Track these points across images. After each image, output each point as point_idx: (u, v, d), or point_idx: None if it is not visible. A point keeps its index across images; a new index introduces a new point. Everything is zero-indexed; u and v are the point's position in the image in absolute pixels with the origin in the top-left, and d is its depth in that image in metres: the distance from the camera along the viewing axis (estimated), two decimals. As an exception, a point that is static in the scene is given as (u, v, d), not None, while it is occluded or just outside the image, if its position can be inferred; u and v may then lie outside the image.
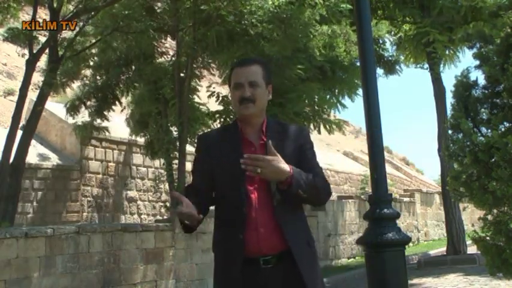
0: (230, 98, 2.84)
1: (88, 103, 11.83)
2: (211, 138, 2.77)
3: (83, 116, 11.98)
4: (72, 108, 11.93)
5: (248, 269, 2.52)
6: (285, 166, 2.47)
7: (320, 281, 2.65)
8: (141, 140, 13.93)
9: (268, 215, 2.55)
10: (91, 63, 11.59)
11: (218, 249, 2.66)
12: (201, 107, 11.62)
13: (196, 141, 2.88)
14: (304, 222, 2.69)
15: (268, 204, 2.56)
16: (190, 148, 12.33)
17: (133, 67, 11.59)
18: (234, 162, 2.50)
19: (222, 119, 11.46)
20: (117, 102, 12.09)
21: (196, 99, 11.61)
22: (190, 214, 2.45)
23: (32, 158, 11.16)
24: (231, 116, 11.40)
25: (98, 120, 11.91)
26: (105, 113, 11.95)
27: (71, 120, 12.53)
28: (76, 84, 12.29)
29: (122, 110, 12.34)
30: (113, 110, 12.25)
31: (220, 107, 11.50)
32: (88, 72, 12.02)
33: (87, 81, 11.91)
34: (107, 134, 12.54)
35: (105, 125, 12.07)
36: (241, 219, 2.54)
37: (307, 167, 2.62)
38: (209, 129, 10.10)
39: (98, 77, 11.78)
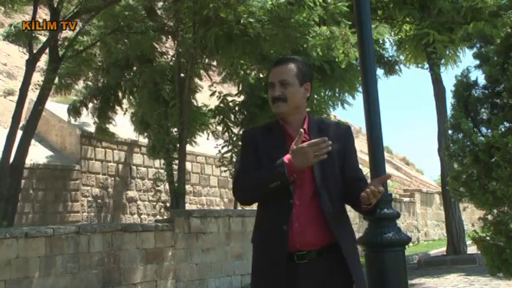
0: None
1: (90, 105, 11.85)
2: (256, 134, 2.75)
3: (86, 119, 12.04)
4: (74, 110, 11.94)
5: (293, 263, 2.53)
6: None
7: (364, 279, 2.68)
8: (141, 140, 13.95)
9: (311, 209, 2.56)
10: (92, 65, 11.60)
11: (260, 241, 2.64)
12: (201, 107, 11.64)
13: (241, 138, 2.86)
14: (347, 217, 2.72)
15: (312, 200, 2.57)
16: (190, 148, 12.36)
17: (134, 68, 11.61)
18: (281, 157, 2.53)
19: (220, 118, 11.49)
20: (119, 104, 12.13)
21: (197, 100, 11.63)
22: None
23: (32, 158, 11.15)
24: (231, 116, 11.43)
25: (105, 125, 11.99)
26: (109, 114, 11.99)
27: (74, 122, 12.58)
28: (78, 86, 12.32)
29: (124, 112, 12.38)
30: (116, 113, 12.28)
31: (219, 106, 11.52)
32: (90, 73, 12.03)
33: (89, 82, 11.94)
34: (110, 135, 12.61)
35: (113, 129, 12.14)
36: (287, 214, 2.54)
37: (353, 170, 2.69)
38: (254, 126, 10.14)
39: (99, 78, 11.81)
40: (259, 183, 2.58)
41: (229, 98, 11.55)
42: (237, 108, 11.35)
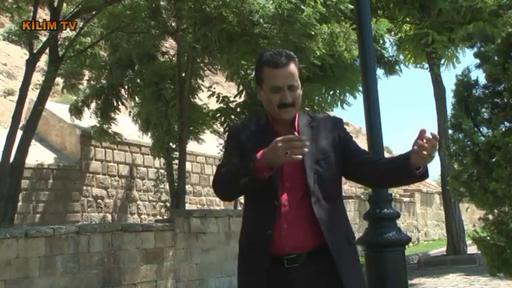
0: (259, 97, 2.62)
1: (92, 105, 11.85)
2: (243, 129, 2.62)
3: (87, 119, 12.02)
4: (76, 111, 11.93)
5: (274, 269, 2.40)
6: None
7: (362, 282, 2.51)
8: (141, 140, 13.94)
9: (302, 211, 2.41)
10: (94, 64, 11.60)
11: (245, 244, 2.52)
12: (203, 106, 11.63)
13: (227, 132, 2.71)
14: (344, 216, 2.55)
15: (303, 201, 2.43)
16: (190, 148, 12.36)
17: (135, 68, 11.61)
18: None
19: (222, 119, 11.47)
20: (121, 104, 12.12)
21: (198, 100, 11.62)
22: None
23: (32, 158, 11.14)
24: (232, 116, 11.40)
25: (107, 125, 11.97)
26: (111, 114, 11.97)
27: (76, 122, 12.56)
28: (83, 85, 12.33)
29: (130, 113, 12.37)
30: (119, 111, 12.27)
31: (221, 107, 11.51)
32: (91, 73, 12.04)
33: (92, 82, 11.94)
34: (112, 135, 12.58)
35: (116, 129, 12.13)
36: (272, 216, 2.40)
37: (362, 152, 2.54)
38: (240, 121, 10.06)
39: (101, 78, 11.81)
40: (230, 179, 2.42)
41: (228, 100, 11.51)
42: (238, 109, 11.33)
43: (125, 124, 12.98)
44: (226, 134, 2.76)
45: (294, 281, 2.39)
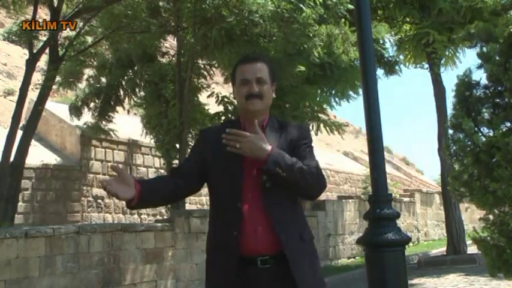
0: (234, 96, 2.76)
1: (91, 104, 11.85)
2: (212, 133, 2.73)
3: (87, 118, 12.00)
4: (75, 110, 11.93)
5: (245, 269, 2.48)
6: (266, 145, 2.47)
7: (316, 280, 2.56)
8: (141, 140, 13.94)
9: (264, 213, 2.50)
10: (94, 64, 11.61)
11: (212, 248, 2.62)
12: (205, 107, 11.62)
13: (197, 135, 2.86)
14: (299, 216, 2.62)
15: (261, 201, 2.51)
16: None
17: (135, 68, 11.61)
18: (231, 159, 2.51)
19: (222, 120, 11.45)
20: (120, 104, 12.12)
21: (200, 100, 11.61)
22: (115, 193, 2.39)
23: (32, 158, 11.14)
24: (233, 117, 11.40)
25: (104, 122, 11.96)
26: (110, 114, 11.98)
27: (75, 122, 12.56)
28: (82, 84, 12.33)
29: (128, 112, 12.37)
30: (117, 112, 12.27)
31: (220, 108, 11.50)
32: (91, 72, 12.04)
33: (92, 82, 11.94)
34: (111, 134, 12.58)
35: (112, 127, 12.12)
36: (237, 217, 2.50)
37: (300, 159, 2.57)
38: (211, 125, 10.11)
39: (102, 78, 11.81)
40: None
41: (227, 100, 11.51)
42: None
43: (125, 124, 12.98)
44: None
45: (256, 282, 2.47)
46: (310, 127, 10.93)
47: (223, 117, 11.41)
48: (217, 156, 2.58)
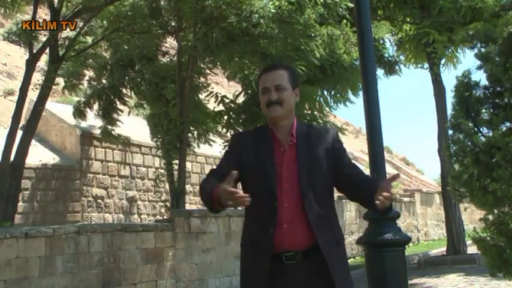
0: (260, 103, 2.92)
1: (94, 106, 11.83)
2: (245, 138, 2.88)
3: (91, 120, 11.98)
4: (79, 113, 11.90)
5: (280, 265, 2.61)
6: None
7: (349, 281, 2.74)
8: (141, 140, 13.94)
9: (298, 212, 2.64)
10: (95, 64, 11.59)
11: (247, 245, 2.74)
12: (207, 106, 11.60)
13: (229, 140, 3.06)
14: (335, 220, 2.78)
15: (298, 202, 2.65)
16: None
17: (136, 68, 11.60)
18: (266, 162, 2.68)
19: (224, 119, 11.44)
20: (122, 105, 12.10)
21: (199, 100, 11.60)
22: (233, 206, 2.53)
23: (32, 158, 11.14)
24: (233, 117, 11.40)
25: (111, 127, 11.94)
26: (114, 116, 11.94)
27: (77, 123, 12.54)
28: (83, 85, 12.32)
29: (129, 113, 12.34)
30: (121, 112, 12.25)
31: (220, 108, 11.49)
32: (92, 73, 12.03)
33: (93, 83, 11.92)
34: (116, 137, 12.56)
35: (118, 131, 12.10)
36: (272, 216, 2.62)
37: (347, 166, 2.76)
38: (243, 130, 10.16)
39: (103, 80, 11.79)
40: (201, 195, 2.75)
41: (227, 100, 11.49)
42: (239, 110, 11.30)
43: (125, 124, 12.98)
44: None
45: (289, 277, 2.61)
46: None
47: (225, 117, 11.41)
48: (252, 160, 2.72)
